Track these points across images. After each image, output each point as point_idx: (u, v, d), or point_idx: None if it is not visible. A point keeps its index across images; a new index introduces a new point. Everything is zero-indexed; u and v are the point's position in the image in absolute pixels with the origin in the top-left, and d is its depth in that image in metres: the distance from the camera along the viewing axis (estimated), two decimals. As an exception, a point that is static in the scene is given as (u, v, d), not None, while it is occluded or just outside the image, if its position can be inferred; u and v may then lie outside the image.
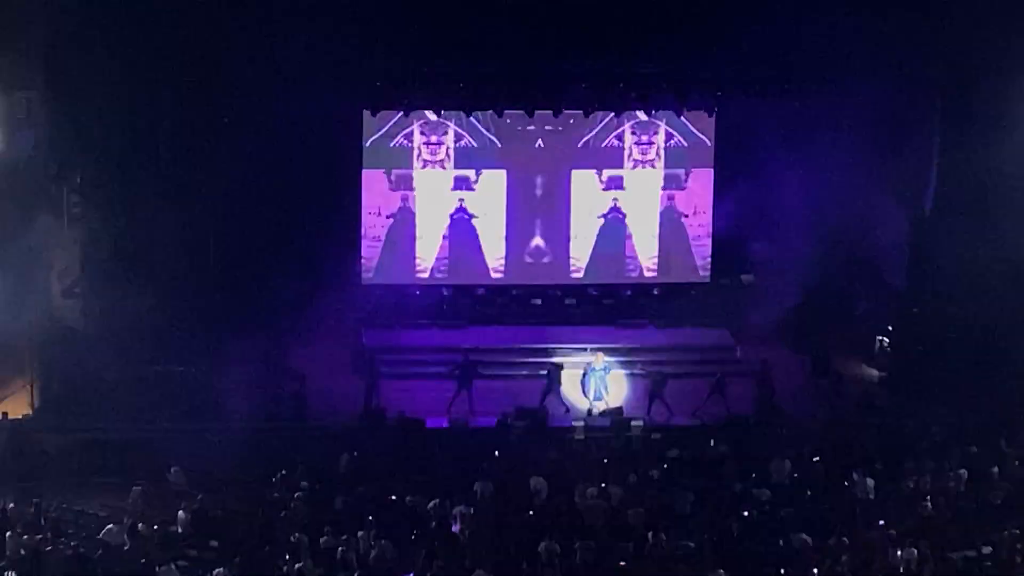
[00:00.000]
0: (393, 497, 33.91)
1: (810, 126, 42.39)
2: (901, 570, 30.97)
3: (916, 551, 31.24)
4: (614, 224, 45.50)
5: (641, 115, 43.64)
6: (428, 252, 45.23)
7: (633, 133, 44.83)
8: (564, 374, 40.81)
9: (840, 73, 41.28)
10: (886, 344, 43.17)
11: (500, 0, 39.68)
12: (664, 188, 45.58)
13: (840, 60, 41.03)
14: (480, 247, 45.35)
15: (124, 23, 38.79)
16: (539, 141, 44.69)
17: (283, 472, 34.97)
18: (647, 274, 45.93)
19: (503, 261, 45.51)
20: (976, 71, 40.61)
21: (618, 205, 45.42)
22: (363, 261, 44.99)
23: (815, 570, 30.91)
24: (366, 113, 43.37)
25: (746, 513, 33.20)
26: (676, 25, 40.54)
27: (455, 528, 32.71)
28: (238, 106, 40.81)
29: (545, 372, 40.58)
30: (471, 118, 43.23)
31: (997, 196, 41.16)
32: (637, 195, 45.49)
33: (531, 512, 33.33)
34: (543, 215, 45.42)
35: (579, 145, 44.90)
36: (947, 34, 40.01)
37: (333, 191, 44.22)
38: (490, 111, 42.97)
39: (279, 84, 40.57)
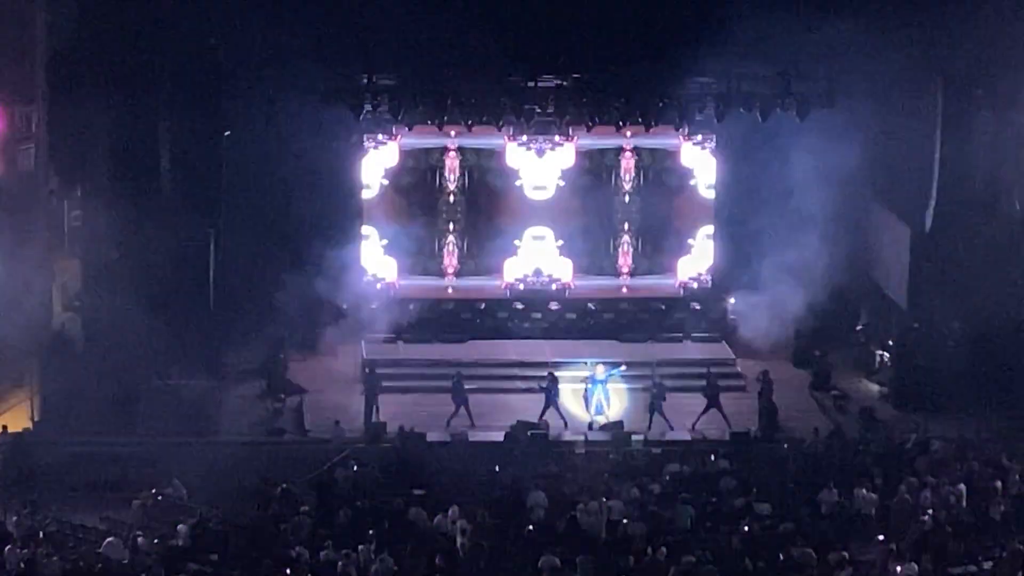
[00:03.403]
0: (394, 511, 33.90)
1: (811, 142, 42.42)
2: (902, 585, 31.01)
3: (917, 566, 31.21)
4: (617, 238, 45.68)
5: (642, 129, 43.66)
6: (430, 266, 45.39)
7: (635, 148, 45.02)
8: (564, 388, 40.79)
9: (841, 89, 41.37)
10: (887, 359, 43.17)
11: (502, 17, 39.71)
12: (667, 202, 45.68)
13: (841, 76, 41.14)
14: (482, 262, 45.54)
15: (124, 39, 38.84)
16: (542, 151, 44.87)
17: (284, 486, 34.95)
18: (648, 288, 45.98)
19: (506, 275, 45.59)
20: (977, 86, 40.68)
21: (622, 218, 45.60)
22: (364, 275, 44.99)
23: (816, 585, 30.96)
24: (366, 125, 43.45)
25: (746, 528, 33.17)
26: (677, 41, 40.55)
27: (456, 542, 32.70)
28: (238, 120, 40.88)
29: (545, 386, 40.53)
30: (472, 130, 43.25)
31: (997, 210, 41.26)
32: (641, 208, 45.58)
33: (531, 526, 33.30)
34: (547, 228, 45.51)
35: (583, 157, 45.02)
36: (947, 49, 40.04)
37: (334, 205, 44.27)
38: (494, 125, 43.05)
39: (278, 98, 40.63)
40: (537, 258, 45.68)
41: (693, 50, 39.75)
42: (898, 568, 31.30)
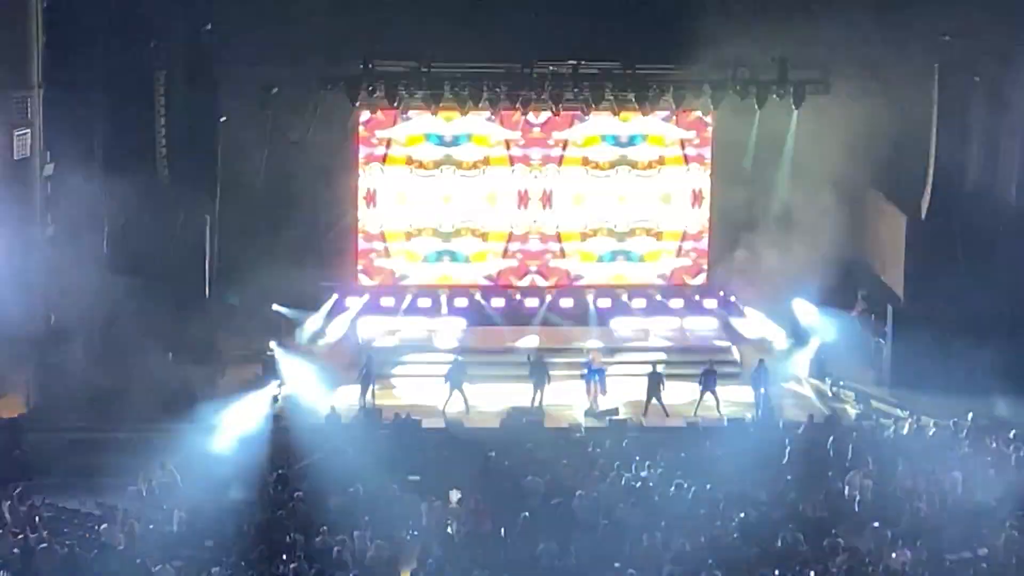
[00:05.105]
0: (389, 497, 33.91)
1: (806, 129, 42.45)
2: (896, 572, 30.96)
3: (911, 553, 31.25)
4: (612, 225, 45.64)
5: (639, 114, 43.66)
6: (426, 252, 45.34)
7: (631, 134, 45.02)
8: (560, 374, 40.80)
9: (837, 76, 41.38)
10: (882, 345, 43.19)
11: (498, 2, 39.75)
12: (663, 189, 45.62)
13: (837, 63, 41.15)
14: (478, 246, 45.52)
15: (121, 25, 38.83)
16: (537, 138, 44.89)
17: (279, 471, 34.96)
18: (645, 276, 45.97)
19: (500, 261, 45.56)
20: (973, 73, 40.71)
21: (616, 205, 45.55)
22: (360, 261, 44.98)
23: (811, 572, 30.91)
24: (363, 112, 43.39)
25: (742, 514, 33.20)
26: (674, 25, 40.58)
27: (451, 528, 32.73)
28: (235, 106, 40.86)
29: (540, 373, 40.53)
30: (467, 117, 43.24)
31: (993, 197, 41.32)
32: (634, 196, 45.53)
33: (527, 512, 33.31)
34: (540, 214, 45.47)
35: (577, 142, 44.97)
36: (944, 36, 40.07)
37: (330, 191, 44.23)
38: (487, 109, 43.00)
39: (275, 83, 40.60)
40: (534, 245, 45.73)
41: (689, 36, 39.76)
42: (893, 555, 31.34)
